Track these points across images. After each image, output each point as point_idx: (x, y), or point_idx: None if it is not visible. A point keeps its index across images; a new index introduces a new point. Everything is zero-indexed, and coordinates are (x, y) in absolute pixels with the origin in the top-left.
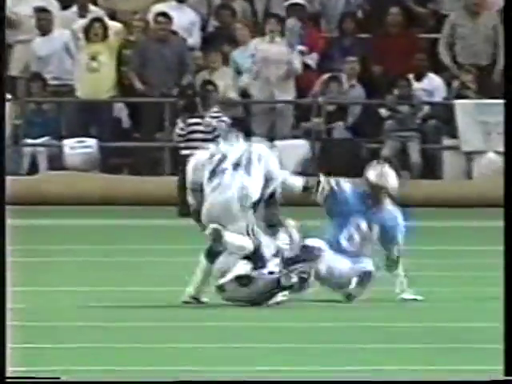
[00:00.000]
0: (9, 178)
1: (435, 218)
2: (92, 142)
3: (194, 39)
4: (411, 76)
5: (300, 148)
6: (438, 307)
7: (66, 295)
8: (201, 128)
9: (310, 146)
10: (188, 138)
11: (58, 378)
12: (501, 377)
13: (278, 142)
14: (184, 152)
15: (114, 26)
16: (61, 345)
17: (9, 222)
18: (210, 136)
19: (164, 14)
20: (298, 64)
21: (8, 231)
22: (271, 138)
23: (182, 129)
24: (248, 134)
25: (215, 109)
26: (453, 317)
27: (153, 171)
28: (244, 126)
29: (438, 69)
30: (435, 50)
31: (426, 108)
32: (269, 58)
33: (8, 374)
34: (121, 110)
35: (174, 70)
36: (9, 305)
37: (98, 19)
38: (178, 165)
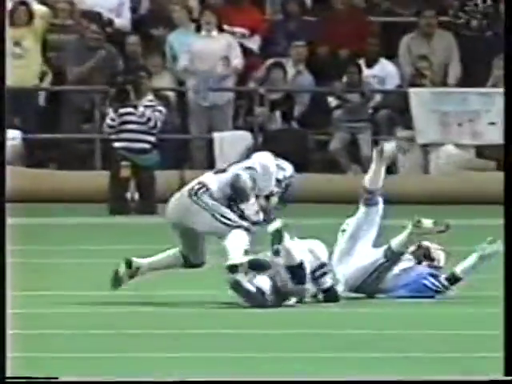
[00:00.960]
0: None
1: (389, 215)
2: (15, 133)
3: (123, 20)
4: (362, 62)
5: (242, 139)
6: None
7: None
8: (134, 118)
9: (252, 136)
10: (120, 129)
11: (57, 378)
12: (501, 377)
13: (217, 134)
14: (116, 144)
15: (38, 9)
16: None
17: None
18: (144, 127)
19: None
20: (238, 61)
21: None
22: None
23: (113, 119)
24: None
25: (149, 97)
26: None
27: (82, 165)
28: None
29: (391, 54)
30: (388, 34)
31: (378, 96)
32: (206, 56)
33: (8, 375)
34: (46, 99)
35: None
36: None
37: (22, 2)
38: (110, 158)
